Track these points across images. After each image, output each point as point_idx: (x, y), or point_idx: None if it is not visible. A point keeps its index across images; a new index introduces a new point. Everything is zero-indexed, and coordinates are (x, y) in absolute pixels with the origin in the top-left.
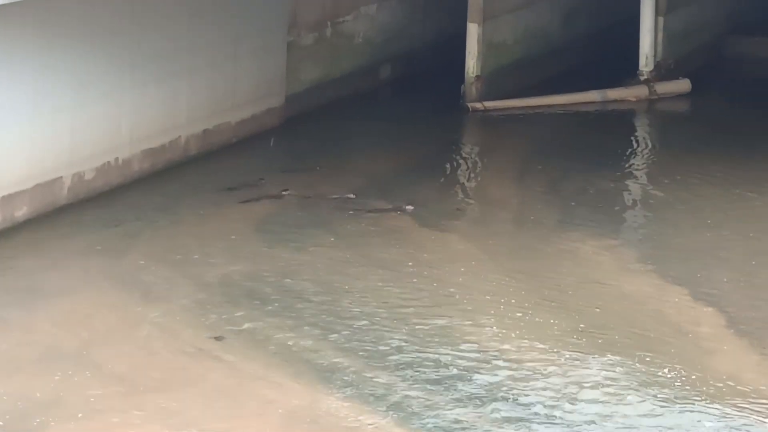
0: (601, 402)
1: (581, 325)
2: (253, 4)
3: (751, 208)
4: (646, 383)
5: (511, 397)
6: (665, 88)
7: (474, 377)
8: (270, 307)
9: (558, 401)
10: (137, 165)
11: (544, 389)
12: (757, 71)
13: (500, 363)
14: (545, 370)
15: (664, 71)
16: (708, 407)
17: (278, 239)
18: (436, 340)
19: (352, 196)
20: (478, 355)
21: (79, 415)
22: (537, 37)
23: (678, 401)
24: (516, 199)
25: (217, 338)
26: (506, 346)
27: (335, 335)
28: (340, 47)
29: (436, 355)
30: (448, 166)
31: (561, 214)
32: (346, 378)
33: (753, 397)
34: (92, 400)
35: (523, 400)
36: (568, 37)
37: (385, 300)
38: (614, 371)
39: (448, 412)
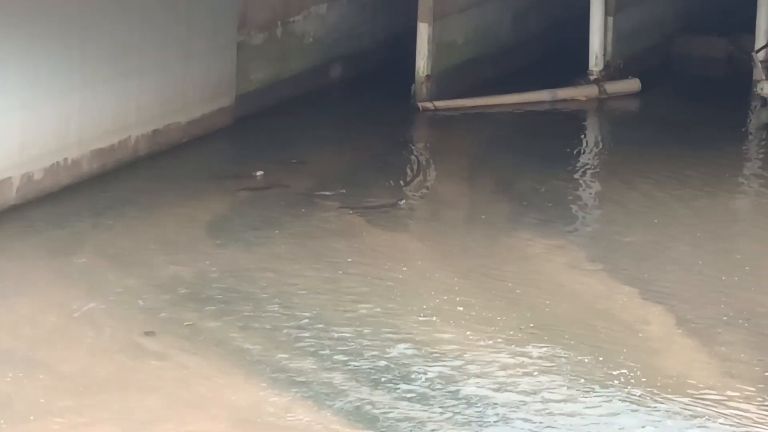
0: (547, 399)
1: (531, 324)
2: (203, 4)
3: (699, 208)
4: (595, 381)
5: (458, 394)
6: (615, 87)
7: (422, 374)
8: (218, 306)
9: (503, 398)
10: (86, 165)
11: (491, 387)
12: (706, 70)
13: (449, 361)
14: (492, 366)
15: (613, 71)
16: (656, 406)
17: (229, 238)
18: (386, 339)
19: (342, 191)
20: (426, 353)
21: (31, 417)
22: (487, 37)
23: (626, 400)
24: (466, 199)
25: (149, 334)
26: (455, 345)
27: (284, 336)
28: (291, 47)
29: (384, 354)
30: (398, 165)
31: (511, 214)
32: (294, 377)
33: (701, 396)
34: (43, 401)
35: (472, 398)
36: (518, 36)
37: (333, 299)
38: (562, 369)
39: (394, 410)
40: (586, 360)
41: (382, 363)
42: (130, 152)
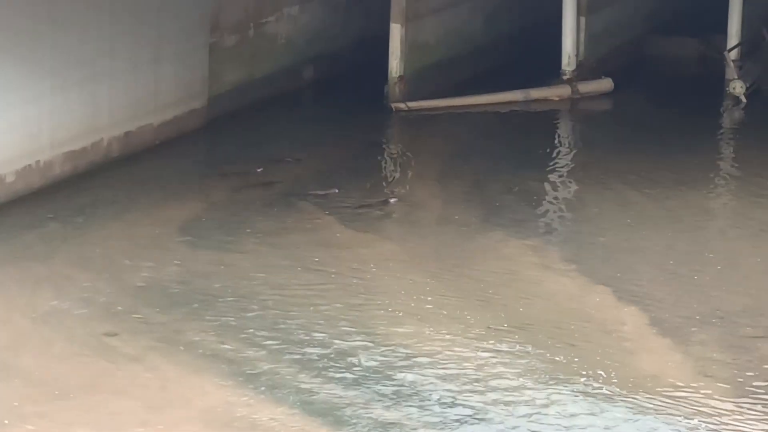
0: (521, 400)
1: (504, 324)
2: (174, 6)
3: (671, 208)
4: (569, 381)
5: (432, 394)
6: (588, 87)
7: (394, 375)
8: (191, 307)
9: (478, 398)
10: (59, 168)
11: (465, 386)
12: (677, 70)
13: (421, 361)
14: (465, 367)
15: (586, 71)
16: (631, 406)
17: (202, 240)
18: (359, 340)
19: (335, 190)
20: (399, 353)
21: (6, 421)
22: (460, 38)
23: (601, 399)
24: (440, 199)
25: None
26: (428, 345)
27: (253, 336)
28: (263, 48)
29: (354, 354)
30: (371, 166)
31: (485, 214)
32: (264, 378)
33: (676, 396)
34: (16, 404)
35: (442, 398)
36: (491, 37)
37: (305, 300)
38: (536, 369)
39: (363, 410)
40: (559, 359)
41: (352, 362)
42: (102, 154)
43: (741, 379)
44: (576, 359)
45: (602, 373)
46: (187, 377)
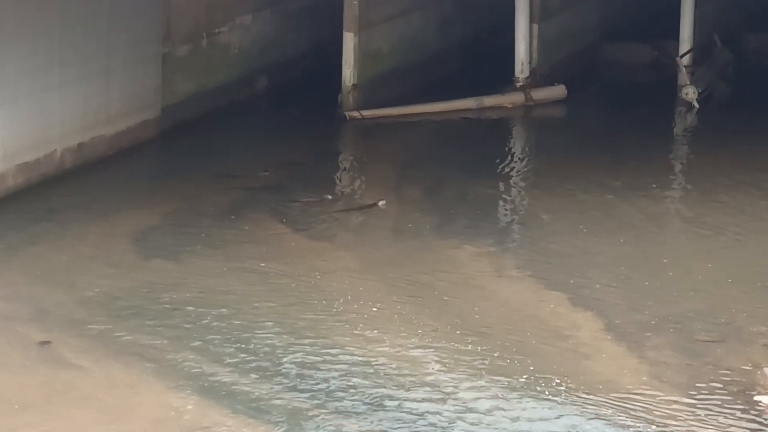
0: (475, 406)
1: (458, 331)
2: (126, 16)
3: (625, 213)
4: (523, 387)
5: (392, 403)
6: (541, 94)
7: (351, 388)
8: (143, 318)
9: (435, 405)
10: (12, 180)
11: (421, 394)
12: (630, 76)
13: (374, 366)
14: (420, 374)
15: (539, 77)
16: (586, 411)
17: (154, 250)
18: (315, 349)
19: (329, 197)
20: (353, 360)
21: None
22: (413, 46)
23: (557, 405)
24: (394, 207)
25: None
26: (383, 354)
27: (204, 344)
28: (216, 58)
29: (305, 360)
30: (325, 175)
31: (439, 222)
32: (217, 386)
33: (630, 401)
34: None
35: (404, 405)
36: (444, 45)
37: (261, 310)
38: (492, 376)
39: (323, 418)
40: (514, 365)
41: (307, 371)
42: (55, 166)
43: (695, 384)
44: (531, 365)
45: (557, 378)
46: (139, 386)
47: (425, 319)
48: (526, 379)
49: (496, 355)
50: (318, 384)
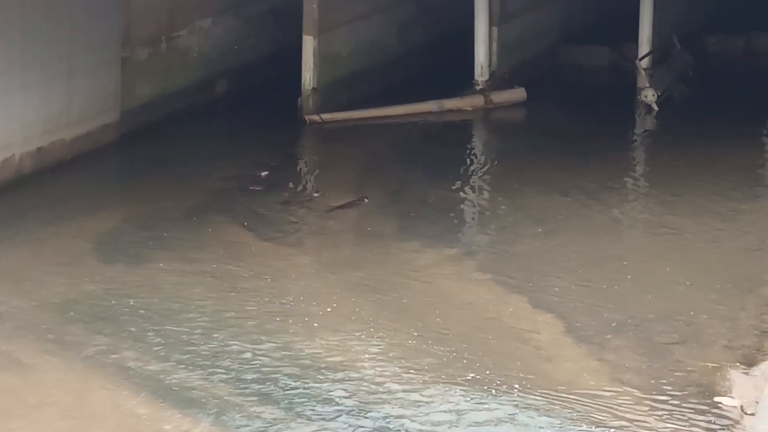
0: (436, 409)
1: (420, 333)
2: (86, 20)
3: (585, 216)
4: (485, 390)
5: (349, 406)
6: (501, 97)
7: (309, 389)
8: (104, 323)
9: (392, 408)
10: None
11: (383, 398)
12: (589, 78)
13: (335, 369)
14: (380, 376)
15: (499, 80)
16: (548, 413)
17: (115, 254)
18: (274, 353)
19: (316, 194)
20: (313, 363)
21: None
22: (373, 49)
23: (518, 407)
24: (355, 211)
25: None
26: (343, 355)
27: (173, 353)
28: (176, 62)
29: (272, 366)
30: (285, 179)
31: (400, 225)
32: (177, 390)
33: (591, 403)
34: None
35: (357, 408)
36: (404, 48)
37: (221, 313)
38: (452, 378)
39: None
40: (475, 368)
41: (268, 375)
42: (14, 170)
43: (656, 385)
44: (492, 368)
45: (518, 381)
46: (99, 391)
47: (386, 321)
48: (487, 381)
49: (456, 357)
50: (278, 388)
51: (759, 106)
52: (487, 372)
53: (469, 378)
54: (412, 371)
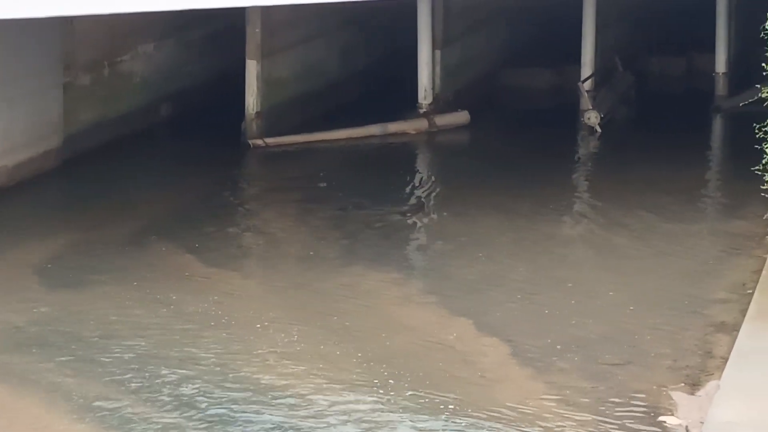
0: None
1: (364, 357)
2: (26, 46)
3: (529, 239)
4: (430, 413)
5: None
6: (444, 120)
7: (250, 414)
8: (48, 351)
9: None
10: None
11: (326, 422)
12: (531, 101)
13: (278, 398)
14: (324, 401)
15: (442, 104)
16: None
17: (56, 281)
18: (217, 377)
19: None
20: (256, 389)
21: None
22: (316, 73)
23: (464, 430)
24: (300, 236)
25: None
26: (286, 379)
27: (116, 377)
28: (118, 87)
29: (212, 392)
30: (229, 204)
31: (345, 249)
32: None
33: (538, 426)
34: None
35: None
36: (347, 72)
37: (164, 338)
38: (398, 402)
39: None
40: (420, 391)
41: (205, 399)
42: None
43: (601, 407)
44: (437, 391)
45: (464, 403)
46: (36, 414)
47: (330, 344)
48: (431, 405)
49: (401, 380)
50: (221, 411)
51: (700, 127)
52: (433, 395)
53: (416, 401)
54: (356, 395)
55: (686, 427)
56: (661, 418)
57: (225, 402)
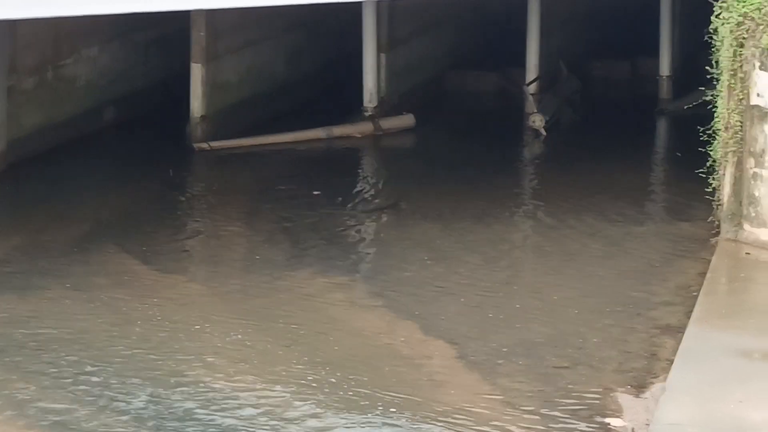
0: None
1: (309, 361)
2: None
3: (474, 242)
4: (376, 416)
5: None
6: (390, 123)
7: (195, 418)
8: None
9: None
10: None
11: (272, 426)
12: (478, 104)
13: (222, 400)
14: (268, 405)
15: (388, 107)
16: None
17: (2, 287)
18: (162, 382)
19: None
20: (201, 394)
21: None
22: (262, 76)
23: None
24: (244, 240)
25: None
26: (230, 384)
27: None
28: (63, 91)
29: (160, 398)
30: (174, 208)
31: (290, 253)
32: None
33: (484, 428)
34: None
35: None
36: (294, 75)
37: (110, 344)
38: (343, 406)
39: None
40: (366, 395)
41: (151, 403)
42: None
43: (548, 410)
44: (384, 395)
45: (410, 407)
46: None
47: (276, 349)
48: (376, 408)
49: (348, 384)
50: (167, 416)
51: (644, 130)
52: (378, 399)
53: (362, 405)
54: (302, 399)
55: (632, 429)
56: (606, 420)
57: (172, 406)
